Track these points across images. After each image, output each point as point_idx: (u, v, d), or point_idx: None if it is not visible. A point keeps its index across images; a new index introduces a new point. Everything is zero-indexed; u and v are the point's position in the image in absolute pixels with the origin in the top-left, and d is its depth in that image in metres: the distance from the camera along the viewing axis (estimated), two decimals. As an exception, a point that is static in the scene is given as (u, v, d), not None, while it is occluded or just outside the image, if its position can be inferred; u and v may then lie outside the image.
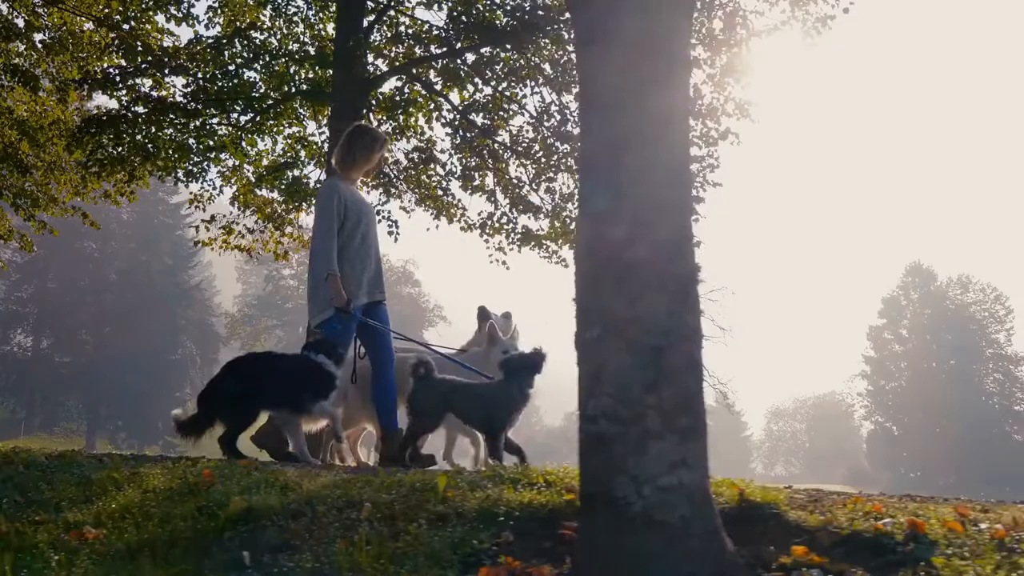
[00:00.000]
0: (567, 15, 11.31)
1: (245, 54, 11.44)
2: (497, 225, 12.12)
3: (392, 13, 11.64)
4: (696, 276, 3.23)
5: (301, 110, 11.86)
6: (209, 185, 12.71)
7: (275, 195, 12.34)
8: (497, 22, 11.14)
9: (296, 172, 12.13)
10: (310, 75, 11.55)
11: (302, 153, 12.28)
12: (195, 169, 12.07)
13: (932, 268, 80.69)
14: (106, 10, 11.55)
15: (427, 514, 3.53)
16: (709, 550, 3.05)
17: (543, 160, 11.94)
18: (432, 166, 12.22)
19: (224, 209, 13.11)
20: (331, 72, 10.84)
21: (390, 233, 12.22)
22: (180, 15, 11.38)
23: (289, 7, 11.57)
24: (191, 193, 12.98)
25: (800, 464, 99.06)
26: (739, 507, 3.67)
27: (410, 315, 64.06)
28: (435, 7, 11.48)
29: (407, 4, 11.73)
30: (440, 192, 12.25)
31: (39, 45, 12.25)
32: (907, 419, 76.06)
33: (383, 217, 12.14)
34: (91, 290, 54.29)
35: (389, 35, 11.58)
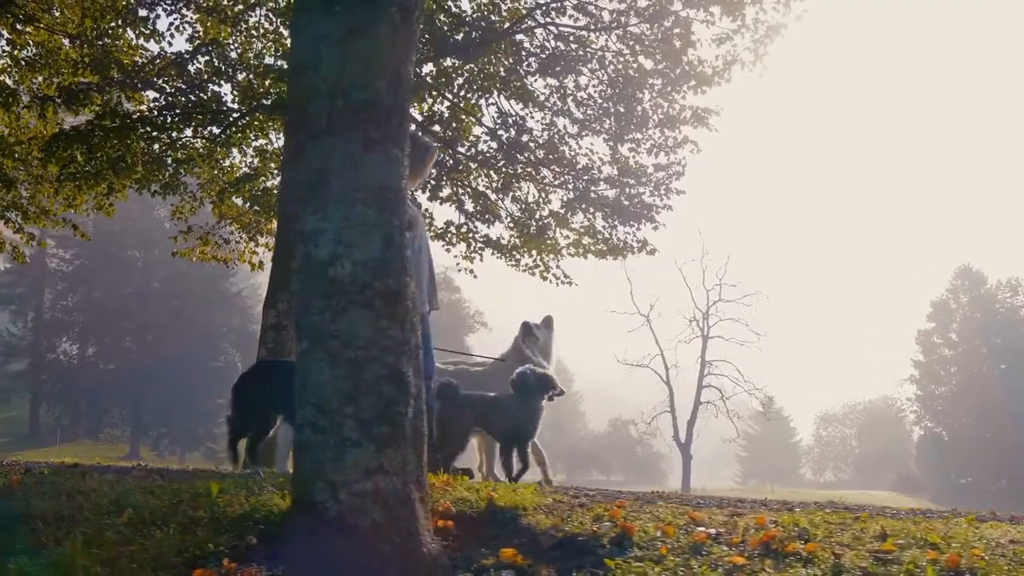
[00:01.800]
0: (521, 27, 11.49)
1: (209, 69, 11.74)
2: (460, 234, 12.31)
3: None
4: (405, 291, 3.39)
5: (268, 123, 12.12)
6: (189, 196, 13.02)
7: (245, 205, 12.62)
8: (453, 36, 11.31)
9: (265, 183, 12.41)
10: (272, 89, 11.82)
11: (271, 164, 12.55)
12: (171, 182, 12.38)
13: (982, 271, 79.10)
14: (80, 28, 11.91)
15: (182, 518, 3.71)
16: (403, 553, 3.20)
17: (505, 170, 12.10)
18: None
19: (209, 221, 13.43)
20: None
21: None
22: (148, 31, 11.71)
23: (250, 22, 11.83)
24: (171, 205, 13.31)
25: (850, 470, 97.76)
26: (487, 512, 3.80)
27: (450, 322, 64.41)
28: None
29: None
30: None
31: (22, 63, 12.63)
32: (957, 424, 74.62)
33: None
34: (135, 298, 55.36)
35: None
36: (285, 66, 11.33)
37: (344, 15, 3.36)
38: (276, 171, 12.44)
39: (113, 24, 11.88)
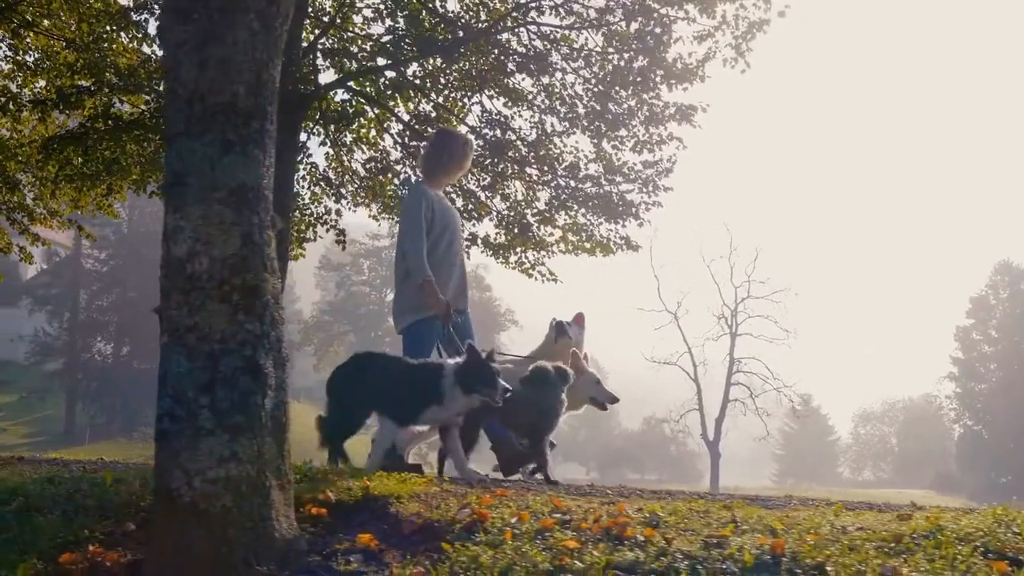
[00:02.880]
0: (505, 26, 11.60)
1: None
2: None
3: (335, 29, 12.01)
4: (264, 287, 3.52)
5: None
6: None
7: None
8: (439, 36, 11.43)
9: None
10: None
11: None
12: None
13: (1022, 266, 77.95)
14: (76, 32, 12.19)
15: (69, 506, 3.88)
16: (252, 537, 3.34)
17: (492, 168, 12.21)
18: (389, 176, 12.60)
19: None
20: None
21: None
22: (140, 35, 11.96)
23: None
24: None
25: (889, 469, 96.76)
26: (363, 499, 3.93)
27: (481, 320, 64.51)
28: (378, 22, 11.82)
29: (353, 19, 12.09)
30: (397, 201, 12.62)
31: (26, 67, 12.94)
32: (997, 422, 73.62)
33: None
34: (171, 297, 56.11)
35: (333, 49, 11.95)
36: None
37: (201, 22, 3.50)
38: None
39: (108, 28, 12.13)
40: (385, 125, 12.41)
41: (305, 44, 11.45)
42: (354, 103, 11.98)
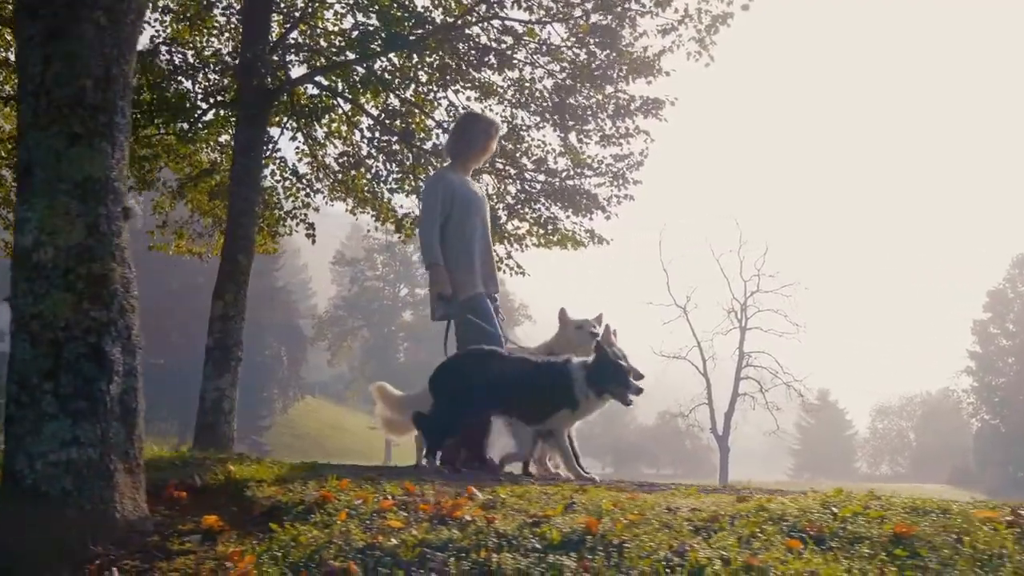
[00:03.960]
0: (472, 20, 11.66)
1: (170, 67, 12.06)
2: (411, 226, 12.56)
3: (305, 24, 12.10)
4: (112, 276, 3.62)
5: (231, 119, 12.40)
6: (168, 191, 13.33)
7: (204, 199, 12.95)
8: (406, 31, 11.48)
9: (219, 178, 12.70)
10: (234, 86, 12.09)
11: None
12: (146, 177, 12.72)
13: (1040, 259, 77.45)
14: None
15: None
16: (91, 519, 3.45)
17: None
18: (361, 171, 12.68)
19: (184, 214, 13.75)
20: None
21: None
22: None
23: (209, 22, 12.15)
24: (152, 200, 13.70)
25: (906, 463, 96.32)
26: (225, 483, 4.03)
27: (494, 314, 64.63)
28: (348, 17, 11.91)
29: (323, 15, 12.16)
30: (370, 195, 12.71)
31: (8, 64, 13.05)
32: (1015, 416, 73.11)
33: None
34: (181, 294, 56.59)
35: (301, 44, 12.05)
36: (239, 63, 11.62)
37: (48, 18, 3.60)
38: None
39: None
40: (355, 120, 12.50)
41: (274, 38, 11.56)
42: (323, 98, 12.08)
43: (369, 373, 61.35)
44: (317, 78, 11.88)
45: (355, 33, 11.61)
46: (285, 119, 12.32)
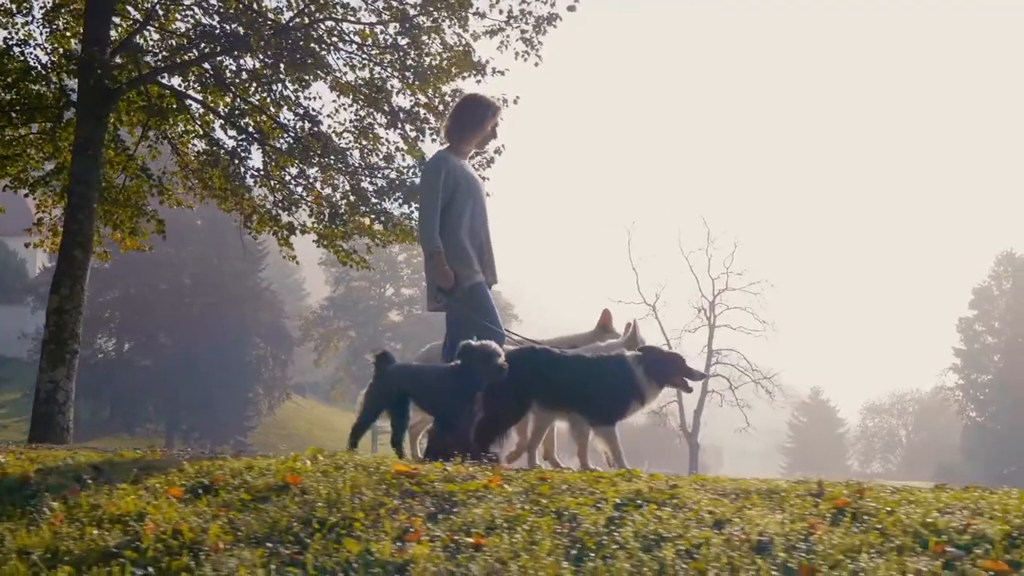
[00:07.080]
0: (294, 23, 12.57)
1: (20, 68, 12.33)
2: (263, 221, 13.40)
3: (148, 26, 12.77)
4: None
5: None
6: (50, 191, 13.90)
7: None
8: (242, 31, 12.07)
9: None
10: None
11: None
12: (19, 176, 13.28)
13: (1025, 256, 77.64)
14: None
15: None
16: None
17: (321, 160, 12.98)
18: (218, 169, 13.17)
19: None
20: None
21: None
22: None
23: (56, 22, 12.69)
24: (35, 199, 14.33)
25: (897, 461, 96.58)
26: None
27: (478, 314, 65.18)
28: (188, 19, 12.67)
29: (163, 17, 12.78)
30: (228, 191, 13.42)
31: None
32: (1001, 413, 73.36)
33: None
34: (168, 294, 57.33)
35: (142, 46, 12.65)
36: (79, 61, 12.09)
37: None
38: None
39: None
40: (206, 119, 13.36)
41: (116, 40, 12.24)
42: (169, 97, 12.74)
43: (355, 373, 62.01)
44: (161, 79, 12.54)
45: (193, 34, 12.33)
46: (131, 118, 12.94)
